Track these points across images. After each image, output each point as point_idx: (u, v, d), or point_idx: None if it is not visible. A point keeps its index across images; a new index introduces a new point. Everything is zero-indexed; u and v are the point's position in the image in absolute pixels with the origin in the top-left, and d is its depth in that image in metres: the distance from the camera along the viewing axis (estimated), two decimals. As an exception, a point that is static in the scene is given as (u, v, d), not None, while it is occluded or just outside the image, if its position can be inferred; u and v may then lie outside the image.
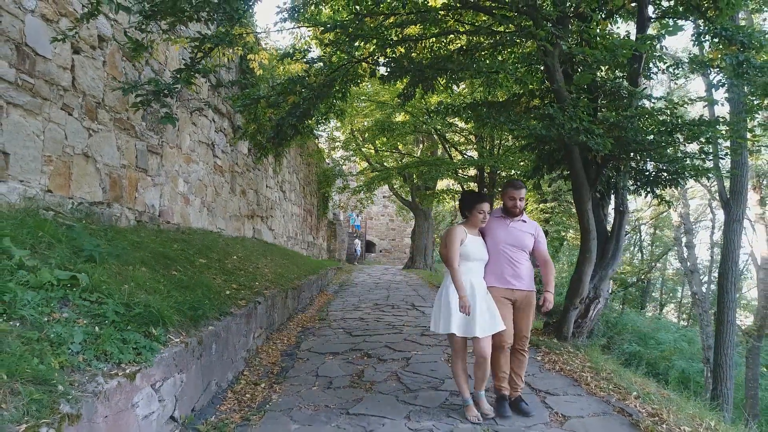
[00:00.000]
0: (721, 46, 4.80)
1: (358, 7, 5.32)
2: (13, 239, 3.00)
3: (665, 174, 5.53)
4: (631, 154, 5.27)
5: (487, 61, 5.99)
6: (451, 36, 6.39)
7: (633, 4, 5.54)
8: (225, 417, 3.35)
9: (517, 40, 5.60)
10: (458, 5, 5.55)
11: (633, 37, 5.40)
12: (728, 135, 5.35)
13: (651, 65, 5.91)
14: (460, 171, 14.44)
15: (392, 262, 28.74)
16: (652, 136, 4.86)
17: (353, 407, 3.50)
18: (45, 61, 4.23)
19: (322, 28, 4.99)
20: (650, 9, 5.44)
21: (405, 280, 13.99)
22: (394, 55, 6.06)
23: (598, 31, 4.71)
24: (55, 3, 4.37)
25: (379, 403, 3.58)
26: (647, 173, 5.64)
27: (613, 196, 6.00)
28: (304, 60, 5.58)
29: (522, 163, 10.97)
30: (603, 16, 5.82)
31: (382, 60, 5.95)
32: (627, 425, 3.11)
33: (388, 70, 5.74)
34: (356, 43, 5.59)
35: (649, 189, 5.69)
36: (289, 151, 12.95)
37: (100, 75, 4.96)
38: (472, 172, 14.71)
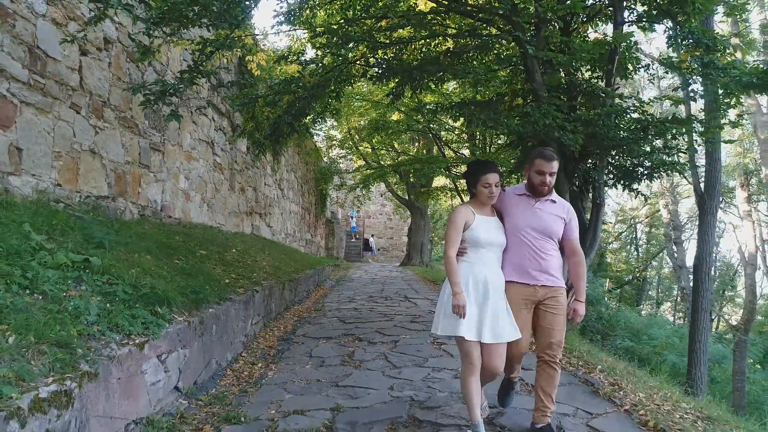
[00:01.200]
0: (690, 49, 5.11)
1: (349, 13, 5.63)
2: (31, 225, 3.31)
3: (641, 169, 5.85)
4: (609, 149, 5.57)
5: (474, 63, 6.30)
6: (440, 38, 6.71)
7: (611, 9, 5.86)
8: (225, 390, 3.66)
9: (497, 42, 5.91)
10: (443, 9, 5.86)
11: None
12: (698, 132, 5.66)
13: (629, 66, 6.21)
14: (453, 169, 14.75)
15: (389, 260, 28.97)
16: (625, 133, 5.17)
17: (342, 381, 3.81)
18: (55, 63, 4.52)
19: (312, 33, 5.29)
20: (625, 13, 5.75)
21: (400, 276, 14.27)
22: (385, 57, 6.37)
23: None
24: (64, 8, 4.66)
25: (367, 377, 3.90)
26: (623, 168, 5.95)
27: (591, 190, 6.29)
28: (299, 62, 5.89)
29: (513, 161, 11.24)
30: (584, 19, 6.15)
31: (373, 61, 6.26)
32: (588, 392, 3.43)
33: (379, 71, 6.05)
34: (349, 45, 5.89)
35: (626, 183, 6.00)
36: (287, 150, 13.24)
37: (105, 75, 5.26)
38: (464, 169, 15.01)
